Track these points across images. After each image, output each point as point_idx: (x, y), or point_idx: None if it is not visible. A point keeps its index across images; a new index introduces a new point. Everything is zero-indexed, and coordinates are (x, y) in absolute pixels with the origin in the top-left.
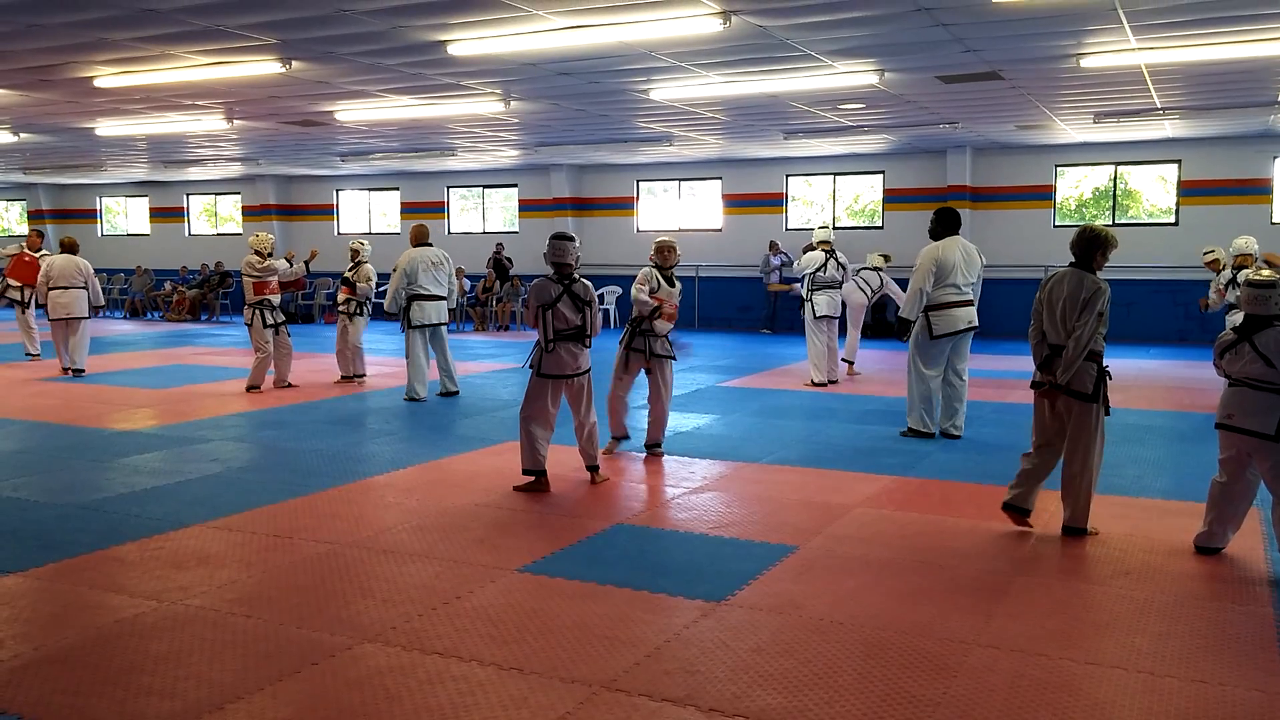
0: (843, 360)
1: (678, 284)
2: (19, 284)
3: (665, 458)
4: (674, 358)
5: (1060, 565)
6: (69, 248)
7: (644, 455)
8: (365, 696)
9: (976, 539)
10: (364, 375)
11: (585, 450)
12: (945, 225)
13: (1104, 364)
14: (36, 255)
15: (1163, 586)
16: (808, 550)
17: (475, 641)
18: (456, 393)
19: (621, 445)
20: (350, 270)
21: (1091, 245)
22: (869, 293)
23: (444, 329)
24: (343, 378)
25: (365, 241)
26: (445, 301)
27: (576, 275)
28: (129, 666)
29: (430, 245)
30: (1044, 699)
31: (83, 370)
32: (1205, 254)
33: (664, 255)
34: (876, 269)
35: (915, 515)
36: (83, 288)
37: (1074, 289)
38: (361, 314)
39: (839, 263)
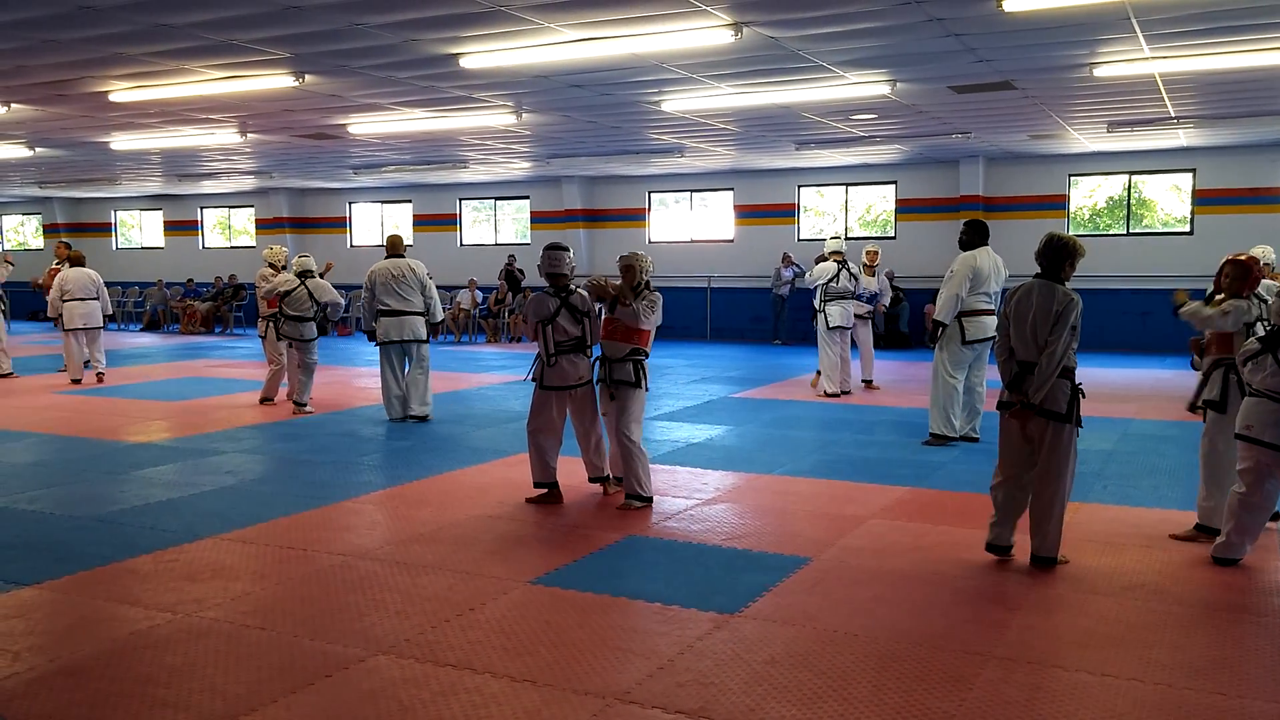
0: (862, 381)
1: (645, 297)
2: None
3: (678, 469)
4: (635, 384)
5: (1075, 577)
6: (78, 260)
7: (666, 468)
8: (379, 709)
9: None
10: (306, 404)
11: (591, 462)
12: (979, 234)
13: (1078, 381)
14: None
15: (1179, 598)
16: (821, 562)
17: (489, 653)
18: (424, 418)
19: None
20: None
21: (1060, 255)
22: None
23: (417, 347)
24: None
25: (308, 255)
26: (415, 317)
27: (573, 286)
28: (143, 679)
29: (401, 256)
30: (1059, 711)
31: (104, 374)
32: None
33: (623, 275)
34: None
35: (929, 527)
36: (96, 298)
37: (1044, 301)
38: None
39: (851, 273)
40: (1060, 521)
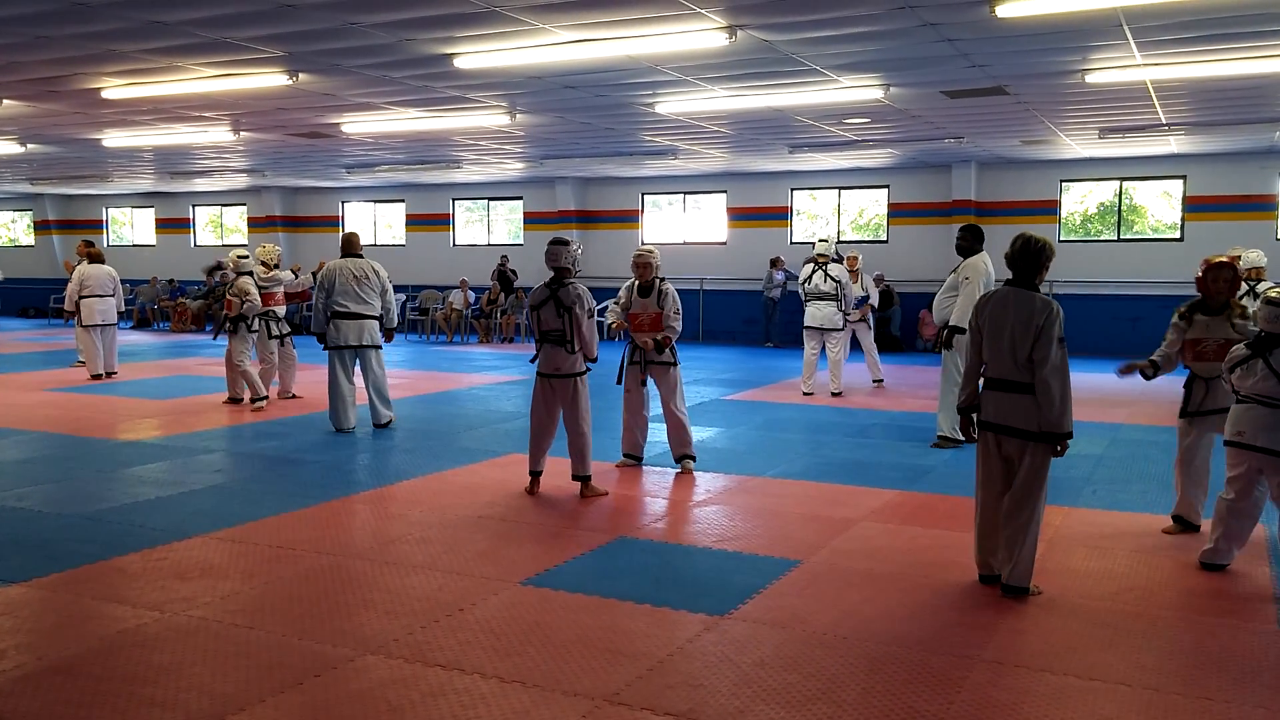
0: (873, 381)
1: (665, 294)
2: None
3: (669, 471)
4: (673, 363)
5: (1064, 581)
6: (98, 258)
7: (657, 469)
8: (367, 709)
9: None
10: (241, 399)
11: (572, 460)
12: (980, 239)
13: None
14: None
15: (1167, 603)
16: (812, 564)
17: (478, 654)
18: (388, 424)
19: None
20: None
21: (1037, 258)
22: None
23: (374, 352)
24: (229, 399)
25: (246, 253)
26: (372, 321)
27: (569, 281)
28: (131, 677)
29: (359, 256)
30: (1047, 715)
31: (115, 372)
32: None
33: (638, 271)
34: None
35: (919, 529)
36: (113, 295)
37: (1023, 313)
38: (238, 331)
39: (830, 275)
40: (1033, 549)
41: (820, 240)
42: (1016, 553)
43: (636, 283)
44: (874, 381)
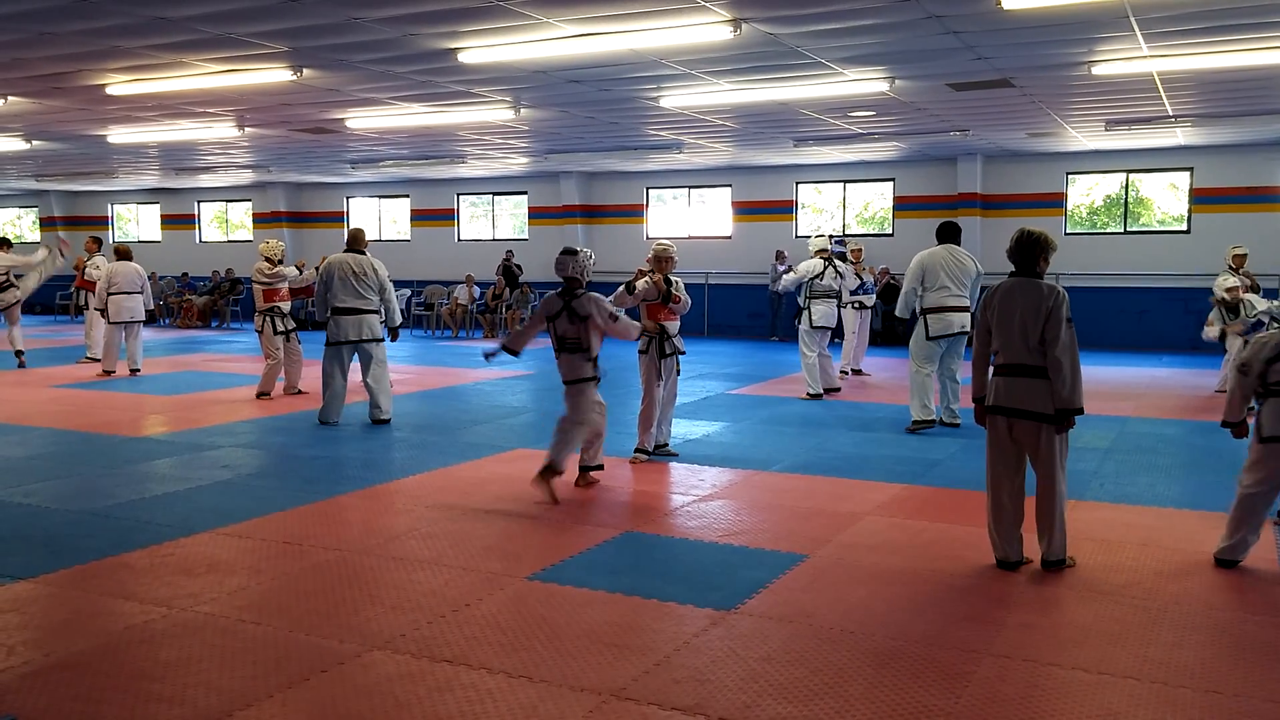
0: (851, 369)
1: (675, 283)
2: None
3: (674, 465)
4: (682, 352)
5: (1072, 574)
6: (125, 254)
7: (660, 464)
8: (374, 704)
9: (988, 548)
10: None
11: (581, 453)
12: (938, 236)
13: None
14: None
15: (1176, 596)
16: (818, 559)
17: (484, 649)
18: (386, 421)
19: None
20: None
21: (1034, 249)
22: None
23: (375, 347)
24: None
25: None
26: (372, 316)
27: (580, 292)
28: (139, 673)
29: (361, 252)
30: (1056, 709)
31: (139, 369)
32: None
33: (660, 265)
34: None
35: (926, 524)
36: (140, 292)
37: (1031, 300)
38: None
39: (838, 272)
40: (1063, 521)
41: (817, 236)
42: (1050, 529)
43: (660, 277)
44: (852, 370)
